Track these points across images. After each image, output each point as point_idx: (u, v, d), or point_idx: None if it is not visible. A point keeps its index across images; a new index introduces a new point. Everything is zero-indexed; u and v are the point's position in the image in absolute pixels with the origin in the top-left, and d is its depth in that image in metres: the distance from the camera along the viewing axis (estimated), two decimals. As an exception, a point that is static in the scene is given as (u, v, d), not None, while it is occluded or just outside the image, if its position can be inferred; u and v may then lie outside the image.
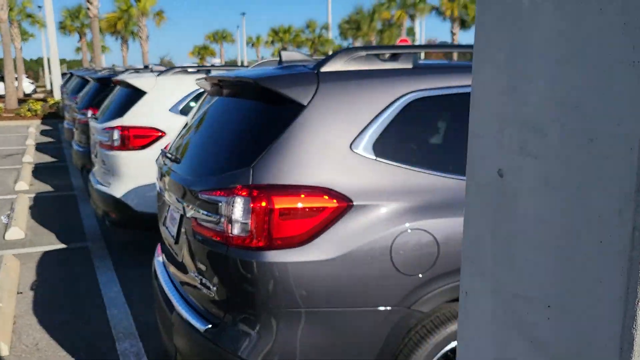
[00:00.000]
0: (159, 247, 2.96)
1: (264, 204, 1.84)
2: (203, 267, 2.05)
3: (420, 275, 1.95)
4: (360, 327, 1.92)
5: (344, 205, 1.89)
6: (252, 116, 2.19)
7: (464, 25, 34.36)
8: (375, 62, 2.17)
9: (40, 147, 12.44)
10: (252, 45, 64.09)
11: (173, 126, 4.64)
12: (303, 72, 2.09)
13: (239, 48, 64.22)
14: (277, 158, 1.90)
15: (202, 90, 4.82)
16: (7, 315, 3.70)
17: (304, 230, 1.86)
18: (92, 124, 5.20)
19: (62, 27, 35.23)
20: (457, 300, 2.07)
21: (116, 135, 4.53)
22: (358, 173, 1.95)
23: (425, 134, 2.18)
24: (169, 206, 2.56)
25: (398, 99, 2.07)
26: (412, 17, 35.42)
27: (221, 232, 1.92)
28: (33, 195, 7.68)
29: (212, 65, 6.76)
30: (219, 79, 2.44)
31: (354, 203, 1.90)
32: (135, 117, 4.60)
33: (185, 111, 4.72)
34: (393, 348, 1.98)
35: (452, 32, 34.02)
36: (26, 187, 8.17)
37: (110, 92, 7.11)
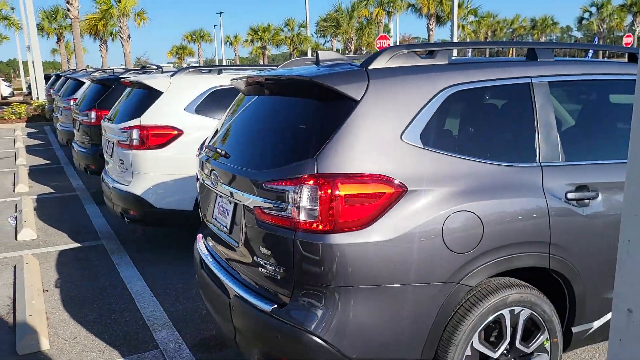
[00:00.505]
0: (199, 239, 3.10)
1: (329, 191, 2.01)
2: (268, 252, 2.20)
3: (468, 253, 2.14)
4: (416, 301, 2.10)
5: (400, 190, 2.08)
6: (308, 112, 2.35)
7: (439, 21, 34.85)
8: (415, 59, 2.36)
9: (30, 150, 12.35)
10: (230, 44, 63.76)
11: (189, 125, 4.78)
12: (354, 70, 2.25)
13: (216, 47, 63.83)
14: (338, 149, 2.07)
15: (215, 89, 4.98)
16: (40, 311, 3.80)
17: (365, 214, 2.04)
18: (106, 124, 5.29)
19: (40, 29, 34.59)
20: (498, 275, 2.30)
21: (135, 134, 4.65)
22: (410, 161, 2.13)
23: (466, 125, 2.39)
24: (218, 198, 2.73)
25: (439, 92, 2.25)
26: (389, 14, 35.81)
27: (288, 218, 2.09)
28: (35, 197, 7.70)
29: (189, 65, 6.86)
30: (265, 78, 2.61)
31: (408, 189, 2.09)
32: (153, 116, 4.71)
33: (199, 110, 4.86)
34: (443, 320, 2.17)
35: (428, 28, 34.49)
36: (26, 189, 8.17)
37: (110, 93, 7.19)
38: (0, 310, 3.95)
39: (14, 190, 8.12)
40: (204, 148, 3.02)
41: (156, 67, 8.57)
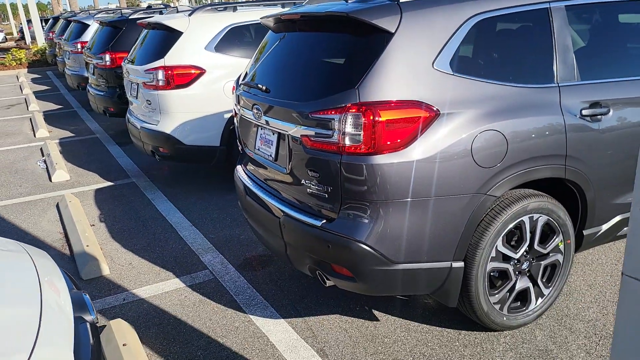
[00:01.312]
0: (240, 169, 3.38)
1: (371, 117, 2.26)
2: (316, 175, 2.47)
3: (494, 167, 2.42)
4: (449, 210, 2.40)
5: (433, 114, 2.32)
6: (346, 45, 2.54)
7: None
8: None
9: (39, 96, 12.46)
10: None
11: (210, 63, 4.94)
12: (387, 4, 2.43)
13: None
14: (377, 79, 2.30)
15: (232, 26, 5.09)
16: (94, 242, 4.17)
17: (403, 137, 2.30)
18: (129, 66, 5.43)
19: (25, -32, 33.27)
20: (520, 186, 2.59)
21: (160, 75, 4.82)
22: (441, 87, 2.36)
23: (490, 50, 2.60)
24: (260, 130, 2.98)
25: (465, 21, 2.45)
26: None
27: (335, 143, 2.35)
28: (57, 141, 7.96)
29: (179, 1, 6.87)
30: (301, 15, 2.78)
31: (441, 112, 2.34)
32: (175, 56, 4.86)
33: (219, 48, 5.00)
34: (472, 226, 2.49)
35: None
36: (47, 134, 8.41)
37: (122, 35, 7.25)
38: (55, 244, 4.33)
39: (35, 136, 8.36)
40: (240, 84, 3.23)
41: (164, 7, 8.55)
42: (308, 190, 2.57)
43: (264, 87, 2.85)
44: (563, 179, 2.69)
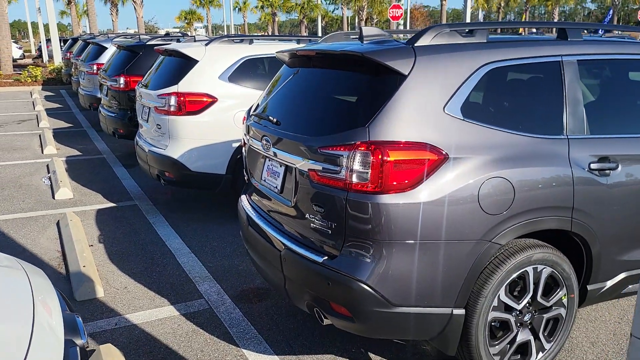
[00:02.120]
0: (244, 199, 3.37)
1: (380, 156, 2.26)
2: (320, 210, 2.46)
3: (500, 215, 2.39)
4: (452, 256, 2.36)
5: (442, 158, 2.32)
6: (359, 84, 2.57)
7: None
8: (456, 37, 2.58)
9: (51, 113, 12.61)
10: (239, 10, 63.07)
11: (223, 92, 5.01)
12: (402, 47, 2.47)
13: (225, 13, 63.01)
14: (387, 119, 2.31)
15: (247, 58, 5.19)
16: (91, 263, 4.12)
17: (410, 178, 2.29)
18: (142, 90, 5.51)
19: (50, -10, 34.31)
20: (524, 236, 2.56)
21: (173, 101, 4.89)
22: (451, 131, 2.37)
23: (501, 99, 2.63)
24: (267, 162, 2.98)
25: (478, 68, 2.48)
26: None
27: (342, 180, 2.35)
28: (64, 158, 8.00)
29: (195, 30, 7.04)
30: (316, 52, 2.83)
31: (449, 156, 2.33)
32: (189, 84, 4.93)
33: (232, 78, 5.08)
34: (475, 273, 2.43)
35: (442, -2, 33.99)
36: (54, 151, 8.47)
37: (138, 60, 7.39)
38: (51, 262, 4.28)
39: (42, 152, 8.42)
40: (252, 115, 3.25)
41: (182, 35, 8.74)
42: (311, 225, 2.55)
43: (274, 119, 2.87)
44: (569, 232, 2.67)
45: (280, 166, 2.82)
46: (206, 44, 5.18)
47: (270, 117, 2.92)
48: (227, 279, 3.97)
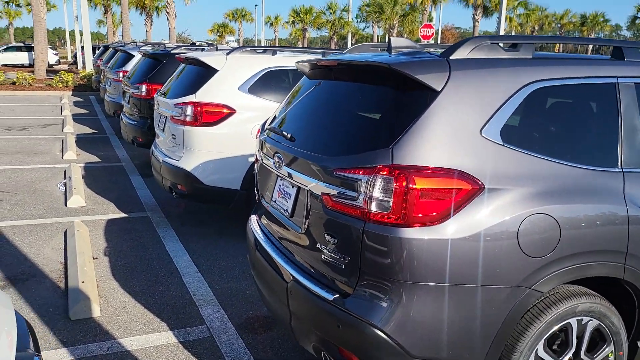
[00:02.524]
0: (254, 220, 3.09)
1: (405, 183, 1.94)
2: (333, 240, 2.14)
3: (542, 258, 2.04)
4: (484, 303, 2.01)
5: (476, 188, 1.98)
6: (384, 100, 2.25)
7: (486, 12, 34.04)
8: (497, 51, 2.25)
9: (77, 118, 12.66)
10: (271, 25, 63.80)
11: (242, 104, 4.78)
12: (435, 60, 2.15)
13: (256, 27, 63.91)
14: (415, 140, 1.98)
15: (269, 69, 4.95)
16: (91, 278, 3.89)
17: (439, 210, 1.95)
18: (160, 99, 5.33)
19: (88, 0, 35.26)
20: (573, 282, 2.21)
21: (189, 110, 4.66)
22: (488, 158, 2.03)
23: (548, 123, 2.28)
24: (279, 181, 2.70)
25: (522, 87, 2.14)
26: (434, 2, 35.03)
27: (359, 207, 2.03)
28: (82, 165, 7.89)
29: (227, 43, 6.90)
30: (338, 63, 2.55)
31: (485, 186, 1.99)
32: (207, 94, 4.69)
33: (252, 90, 4.84)
34: (511, 324, 2.07)
35: (474, 19, 33.69)
36: (74, 156, 8.38)
37: (162, 68, 7.26)
38: (52, 275, 4.07)
39: (62, 157, 8.33)
40: (266, 129, 2.98)
41: (207, 45, 8.63)
42: (323, 256, 2.24)
43: (289, 135, 2.58)
44: (620, 280, 2.30)
45: (292, 187, 2.53)
46: (227, 53, 4.98)
47: (284, 133, 2.63)
48: (233, 304, 3.68)
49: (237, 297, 3.79)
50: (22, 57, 34.91)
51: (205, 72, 4.87)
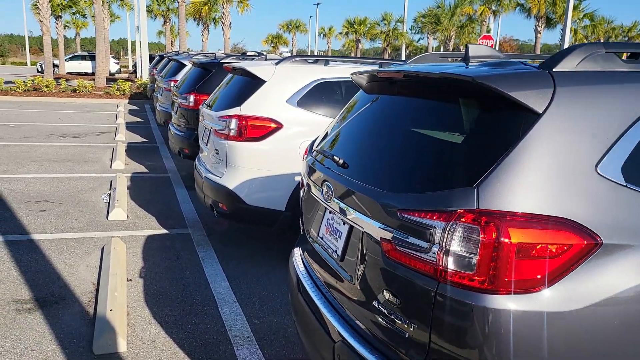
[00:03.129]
0: (297, 254, 2.67)
1: (495, 235, 1.48)
2: (395, 300, 1.72)
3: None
4: None
5: (592, 243, 1.49)
6: (465, 123, 1.82)
7: (549, 23, 32.60)
8: (615, 63, 1.75)
9: (130, 127, 12.78)
10: (324, 36, 64.04)
11: (289, 118, 4.39)
12: (534, 72, 1.69)
13: (310, 38, 64.24)
14: (508, 178, 1.51)
15: (321, 81, 4.55)
16: (121, 305, 3.59)
17: (541, 272, 1.48)
18: (205, 110, 5.05)
19: (149, 11, 36.46)
20: None
21: (233, 124, 4.32)
22: (607, 203, 1.55)
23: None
24: (327, 214, 2.28)
25: None
26: (494, 13, 33.78)
27: (431, 263, 1.59)
28: (129, 174, 7.77)
29: (281, 54, 6.62)
30: (404, 75, 2.09)
31: (604, 242, 1.50)
32: (253, 106, 4.33)
33: (302, 103, 4.45)
34: None
35: (536, 30, 32.34)
36: (122, 166, 8.29)
37: (210, 78, 7.03)
38: (82, 297, 3.80)
39: (110, 166, 8.27)
40: (314, 151, 2.57)
41: (257, 54, 8.38)
42: (380, 318, 1.79)
43: (341, 161, 2.15)
44: None
45: (344, 224, 2.10)
46: (276, 63, 4.62)
47: (334, 157, 2.20)
48: (272, 345, 3.26)
49: (276, 336, 3.37)
50: (85, 66, 36.48)
51: (252, 83, 4.53)
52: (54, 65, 33.08)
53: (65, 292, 3.86)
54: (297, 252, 2.70)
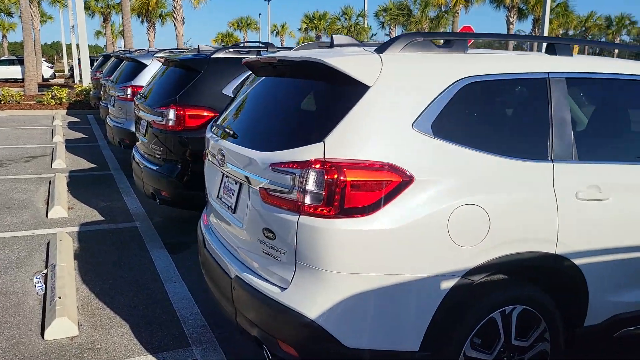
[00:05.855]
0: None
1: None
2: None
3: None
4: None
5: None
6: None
7: (521, 14, 31.86)
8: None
9: (71, 146, 10.06)
10: (277, 33, 61.97)
11: (426, 162, 2.16)
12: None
13: (261, 36, 61.73)
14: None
15: (472, 81, 2.74)
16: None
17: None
18: (226, 145, 2.74)
19: (86, 8, 32.76)
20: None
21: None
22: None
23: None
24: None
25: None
26: (466, 5, 32.43)
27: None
28: (75, 229, 5.24)
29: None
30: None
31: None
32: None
33: (442, 128, 2.23)
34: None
35: (508, 21, 31.51)
36: (64, 214, 5.72)
37: (199, 81, 4.70)
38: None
39: (46, 216, 5.69)
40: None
41: (263, 45, 6.02)
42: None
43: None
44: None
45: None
46: (378, 50, 2.33)
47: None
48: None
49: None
50: (14, 71, 32.20)
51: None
52: (-24, 72, 29.07)
53: None
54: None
